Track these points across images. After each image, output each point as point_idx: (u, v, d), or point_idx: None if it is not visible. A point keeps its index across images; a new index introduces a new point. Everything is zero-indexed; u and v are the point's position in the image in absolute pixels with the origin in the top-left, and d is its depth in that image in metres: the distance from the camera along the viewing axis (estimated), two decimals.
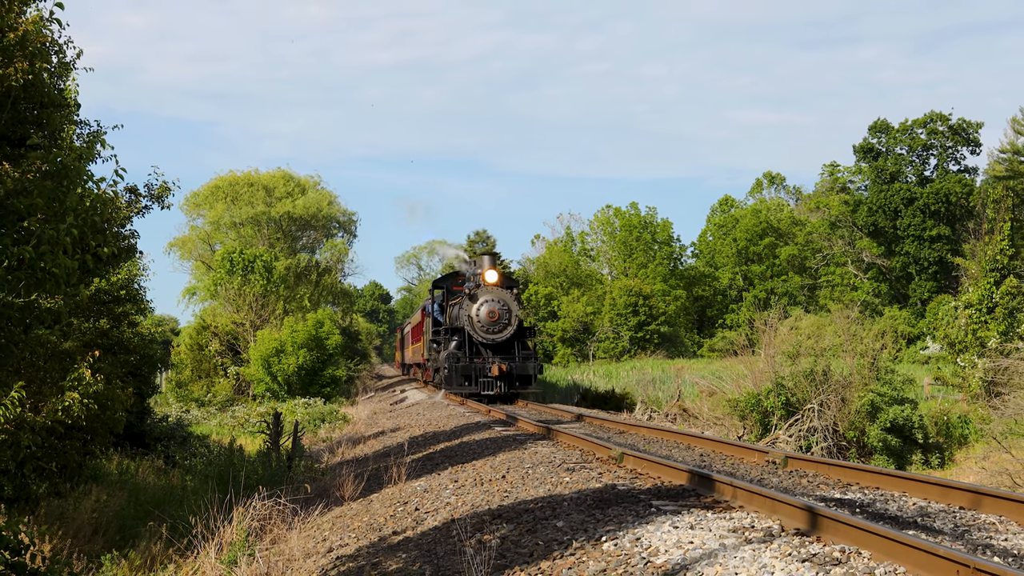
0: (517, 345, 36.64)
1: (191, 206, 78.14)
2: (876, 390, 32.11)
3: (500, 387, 35.40)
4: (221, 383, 55.24)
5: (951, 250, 74.36)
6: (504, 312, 36.39)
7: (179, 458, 26.63)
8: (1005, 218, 53.41)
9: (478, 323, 36.09)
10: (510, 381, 35.85)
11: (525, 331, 37.84)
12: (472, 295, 36.57)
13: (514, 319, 36.55)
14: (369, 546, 11.39)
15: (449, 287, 42.44)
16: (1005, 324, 44.62)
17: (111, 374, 18.00)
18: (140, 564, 13.90)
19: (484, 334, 36.18)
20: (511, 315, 36.52)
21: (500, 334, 36.34)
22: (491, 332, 36.20)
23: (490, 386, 35.33)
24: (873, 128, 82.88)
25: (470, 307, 36.40)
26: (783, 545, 7.89)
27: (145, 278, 22.71)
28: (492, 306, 36.32)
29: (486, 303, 36.37)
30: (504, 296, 36.82)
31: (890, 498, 10.71)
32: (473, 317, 36.12)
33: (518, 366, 35.91)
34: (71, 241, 8.48)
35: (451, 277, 42.91)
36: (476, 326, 36.11)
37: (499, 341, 36.37)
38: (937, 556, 6.75)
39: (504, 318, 36.30)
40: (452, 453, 18.22)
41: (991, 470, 26.73)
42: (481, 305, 36.33)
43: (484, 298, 36.49)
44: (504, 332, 36.40)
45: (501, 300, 36.59)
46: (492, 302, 36.44)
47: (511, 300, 36.87)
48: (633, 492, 11.15)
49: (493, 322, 36.10)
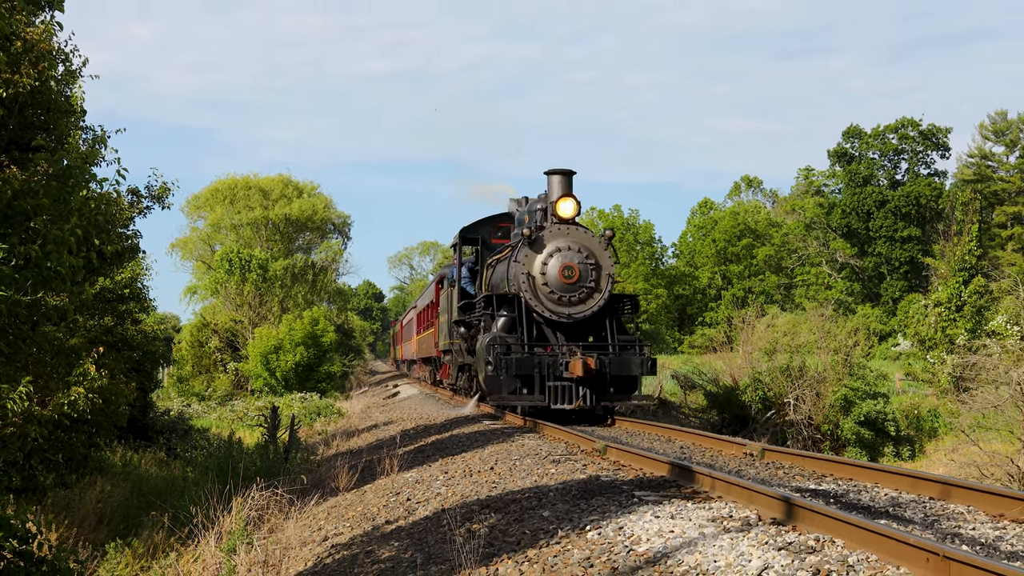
0: (610, 326, 22.24)
1: (192, 208, 78.93)
2: (849, 385, 32.56)
3: (584, 396, 20.92)
4: (221, 378, 55.68)
5: (921, 251, 74.93)
6: (589, 268, 22.01)
7: (180, 450, 26.97)
8: (973, 220, 54.03)
9: (544, 287, 21.96)
10: (600, 386, 21.25)
11: (621, 302, 23.24)
12: (533, 240, 22.06)
13: (604, 281, 22.14)
14: (363, 535, 11.58)
15: (486, 238, 28.19)
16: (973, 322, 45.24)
17: (115, 369, 18.23)
18: (143, 552, 14.15)
19: (554, 305, 21.97)
20: (600, 274, 22.11)
21: (582, 306, 22.03)
22: (566, 302, 21.96)
23: (566, 395, 20.96)
24: (847, 133, 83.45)
25: (530, 260, 22.09)
26: (760, 534, 8.01)
27: (148, 277, 23.02)
28: (568, 257, 21.99)
29: (558, 253, 22.01)
30: (587, 242, 22.30)
31: (863, 489, 10.85)
32: (535, 276, 21.96)
33: (615, 361, 21.33)
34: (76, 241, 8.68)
35: (489, 222, 28.47)
36: (540, 292, 21.98)
37: (580, 317, 22.06)
38: (908, 544, 6.85)
39: (588, 278, 21.99)
40: (442, 446, 18.33)
41: (960, 462, 27.14)
42: (550, 257, 22.00)
43: (555, 244, 22.09)
44: (588, 303, 22.04)
45: (583, 248, 22.17)
46: (569, 251, 22.07)
47: (599, 248, 22.31)
48: (616, 483, 11.30)
49: (571, 284, 21.90)
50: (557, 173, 22.62)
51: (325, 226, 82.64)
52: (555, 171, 22.64)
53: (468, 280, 28.57)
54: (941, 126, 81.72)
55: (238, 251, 65.97)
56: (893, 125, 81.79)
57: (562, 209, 22.26)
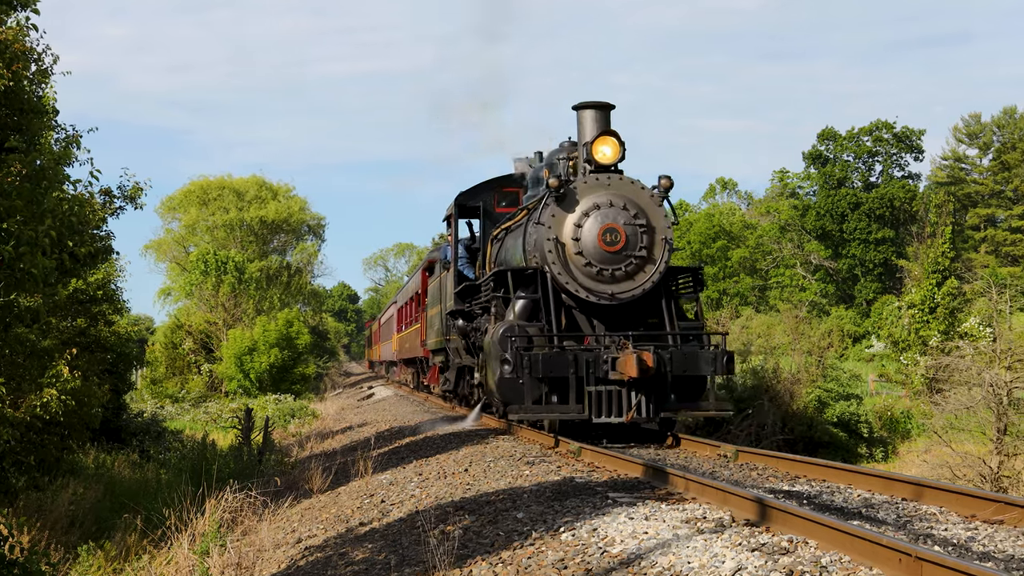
0: (667, 309, 16.95)
1: (166, 210, 78.49)
2: (823, 386, 32.65)
3: (639, 405, 15.58)
4: (195, 380, 55.52)
5: (895, 252, 75.31)
6: (638, 231, 16.58)
7: (154, 452, 26.87)
8: (946, 222, 54.47)
9: (577, 257, 16.53)
10: (659, 392, 15.82)
11: (676, 275, 18.00)
12: (562, 194, 16.57)
13: (659, 248, 16.69)
14: (336, 537, 11.56)
15: (489, 207, 22.46)
16: (946, 323, 45.53)
17: (88, 371, 18.22)
18: (115, 555, 14.10)
19: (592, 282, 16.54)
20: (653, 238, 16.70)
21: (629, 282, 16.62)
22: (608, 278, 16.52)
23: (613, 404, 15.63)
24: (821, 136, 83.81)
25: (558, 222, 16.64)
26: (734, 535, 8.03)
27: (121, 279, 22.99)
28: (610, 216, 16.52)
29: (596, 211, 16.54)
30: (635, 195, 16.80)
31: (836, 490, 10.88)
32: (566, 243, 16.58)
33: (677, 357, 15.87)
34: (49, 242, 8.66)
35: (492, 187, 22.70)
36: (573, 264, 16.54)
37: (626, 298, 16.66)
38: (880, 545, 6.88)
39: (638, 244, 16.56)
40: (417, 447, 18.28)
41: (932, 463, 27.28)
42: (585, 216, 16.57)
43: (591, 200, 16.62)
44: (638, 278, 16.65)
45: (630, 203, 16.64)
46: (611, 209, 16.56)
47: (650, 204, 16.84)
48: (590, 485, 11.30)
49: (614, 253, 16.45)
50: (590, 107, 17.23)
51: (300, 228, 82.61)
52: (588, 104, 17.27)
53: (466, 262, 23.22)
54: (915, 129, 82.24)
55: (214, 252, 65.97)
56: (867, 128, 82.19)
57: (600, 152, 16.75)
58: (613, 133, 16.93)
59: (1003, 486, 24.67)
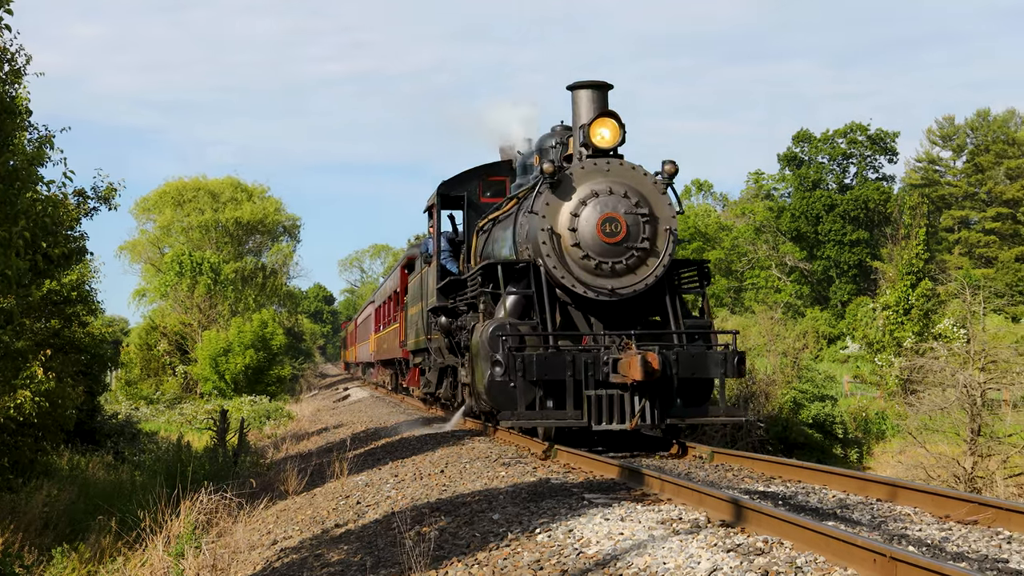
0: (672, 306, 15.87)
1: (141, 211, 78.37)
2: (798, 387, 32.82)
3: (643, 411, 14.41)
4: (169, 382, 55.48)
5: (870, 254, 75.62)
6: (640, 221, 15.44)
7: (128, 454, 26.79)
8: (920, 224, 54.72)
9: (574, 249, 15.40)
10: (664, 396, 14.68)
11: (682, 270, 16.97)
12: (557, 181, 15.39)
13: (663, 240, 15.60)
14: (312, 538, 11.53)
15: (474, 197, 21.25)
16: (920, 325, 45.82)
17: (62, 373, 18.13)
18: (89, 557, 14.04)
19: (590, 276, 15.42)
20: (656, 229, 15.57)
21: (630, 276, 15.50)
22: (607, 272, 15.39)
23: (615, 409, 14.43)
24: (796, 137, 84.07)
25: (553, 211, 15.47)
26: (709, 536, 8.04)
27: (96, 280, 22.87)
28: (610, 205, 15.37)
29: (595, 199, 15.38)
30: (636, 182, 15.66)
31: (811, 491, 10.89)
32: (562, 234, 15.42)
33: (683, 358, 14.74)
34: (23, 243, 8.59)
35: (477, 176, 21.39)
36: (570, 257, 15.42)
37: (628, 293, 15.54)
38: (855, 546, 6.89)
39: (640, 235, 15.42)
40: (392, 448, 18.24)
41: (907, 464, 27.46)
42: (583, 205, 15.39)
43: (589, 187, 15.47)
44: (640, 272, 15.52)
45: (631, 191, 15.49)
46: (611, 197, 15.41)
47: (654, 192, 15.71)
48: (566, 486, 11.28)
49: (615, 244, 15.34)
50: (586, 87, 16.00)
51: (275, 229, 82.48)
52: (583, 84, 16.04)
53: (448, 255, 21.79)
54: (889, 130, 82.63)
55: (189, 253, 65.82)
56: (842, 130, 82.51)
57: (599, 135, 15.53)
58: (612, 114, 15.67)
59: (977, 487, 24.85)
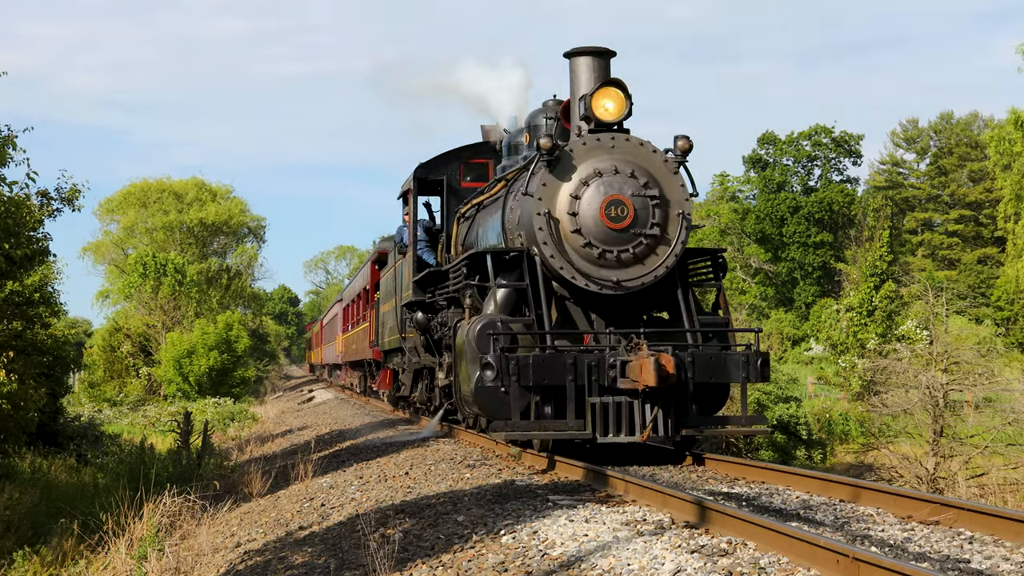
0: (685, 300, 13.95)
1: (104, 212, 77.83)
2: (762, 389, 32.90)
3: (655, 421, 12.48)
4: (133, 383, 55.05)
5: (834, 256, 76.04)
6: (649, 204, 13.46)
7: (91, 457, 26.54)
8: (884, 226, 55.15)
9: (574, 236, 13.44)
10: (679, 404, 12.81)
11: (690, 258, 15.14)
12: (555, 158, 13.35)
13: (675, 225, 13.63)
14: (276, 541, 11.48)
15: (454, 182, 19.62)
16: (884, 326, 46.14)
17: (24, 375, 17.94)
18: (52, 560, 13.90)
19: (592, 267, 13.49)
20: (667, 213, 13.61)
21: (638, 267, 13.60)
22: (612, 261, 13.47)
23: (623, 418, 12.54)
24: (761, 140, 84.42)
25: (550, 192, 13.46)
26: (673, 537, 8.04)
27: (59, 281, 22.65)
28: (615, 186, 13.37)
29: (598, 179, 13.38)
30: (644, 160, 13.66)
31: (775, 492, 10.91)
32: (560, 219, 13.45)
33: (700, 360, 12.97)
34: None
35: (458, 158, 19.77)
36: (570, 244, 13.47)
37: (635, 286, 13.61)
38: (818, 546, 6.90)
39: (648, 220, 13.47)
40: (357, 450, 18.19)
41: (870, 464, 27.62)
42: (584, 186, 13.40)
43: (592, 165, 13.47)
44: (649, 262, 13.61)
45: (639, 170, 13.50)
46: (616, 176, 13.43)
47: (664, 171, 13.72)
48: (531, 488, 11.28)
49: (620, 231, 13.38)
50: (586, 54, 14.01)
51: (240, 230, 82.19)
52: (583, 51, 14.05)
53: (425, 245, 19.85)
54: (853, 133, 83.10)
55: (153, 255, 65.51)
56: (807, 132, 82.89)
57: (602, 107, 13.54)
58: (617, 82, 13.66)
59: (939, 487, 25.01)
